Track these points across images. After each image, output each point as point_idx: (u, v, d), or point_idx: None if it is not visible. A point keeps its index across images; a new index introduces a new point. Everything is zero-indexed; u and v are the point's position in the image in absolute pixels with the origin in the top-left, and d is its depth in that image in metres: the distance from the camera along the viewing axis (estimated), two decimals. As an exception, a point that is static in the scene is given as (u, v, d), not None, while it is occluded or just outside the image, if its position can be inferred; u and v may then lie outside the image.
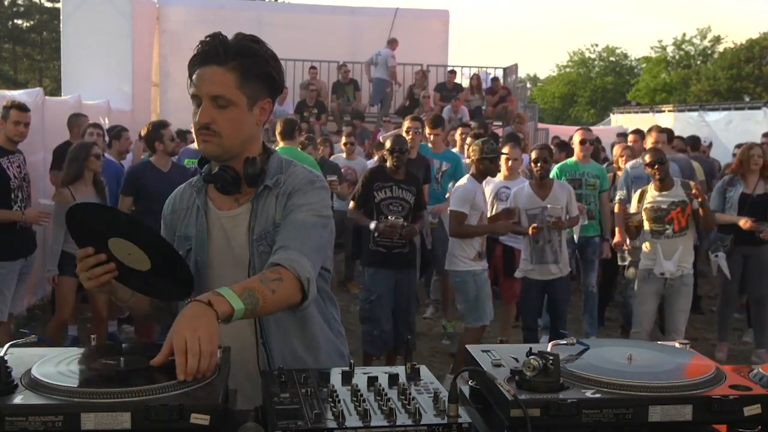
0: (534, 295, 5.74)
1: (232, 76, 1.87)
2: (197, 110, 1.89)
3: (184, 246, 2.00)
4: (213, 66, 1.86)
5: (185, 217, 2.04)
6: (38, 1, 33.52)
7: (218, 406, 1.41)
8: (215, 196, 2.01)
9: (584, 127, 7.76)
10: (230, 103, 1.88)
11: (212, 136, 1.89)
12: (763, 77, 32.61)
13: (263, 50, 1.95)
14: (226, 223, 1.99)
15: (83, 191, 5.41)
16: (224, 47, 1.87)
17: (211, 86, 1.87)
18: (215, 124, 1.87)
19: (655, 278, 5.49)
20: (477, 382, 1.68)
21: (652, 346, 1.85)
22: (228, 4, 14.94)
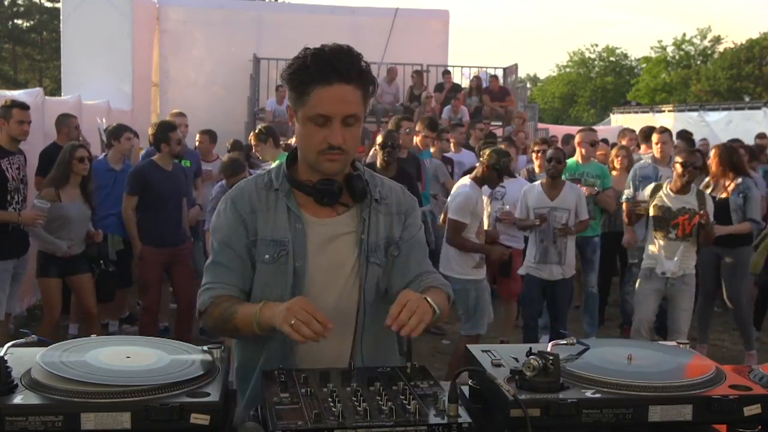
0: (535, 295, 5.74)
1: (359, 94, 1.86)
2: (319, 129, 1.84)
3: (273, 250, 1.93)
4: (343, 84, 1.82)
5: (267, 219, 1.95)
6: (38, 1, 33.53)
7: (218, 406, 1.41)
8: (306, 201, 1.96)
9: (587, 128, 7.75)
10: (357, 121, 1.88)
11: (341, 155, 1.87)
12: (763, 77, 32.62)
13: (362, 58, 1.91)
14: (327, 230, 1.96)
15: (69, 194, 5.36)
16: (349, 64, 1.83)
17: (345, 106, 1.83)
18: (345, 143, 1.86)
19: (657, 277, 5.49)
20: (477, 382, 1.68)
21: (652, 346, 1.85)
22: (228, 4, 14.91)
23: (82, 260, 5.49)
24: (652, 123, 13.00)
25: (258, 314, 1.78)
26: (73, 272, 5.45)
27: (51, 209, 5.26)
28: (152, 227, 5.76)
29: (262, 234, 1.94)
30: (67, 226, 5.34)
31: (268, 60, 14.20)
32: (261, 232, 1.94)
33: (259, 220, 1.95)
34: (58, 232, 5.33)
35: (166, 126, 5.96)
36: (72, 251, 5.41)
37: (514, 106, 13.82)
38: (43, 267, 5.40)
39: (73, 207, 5.36)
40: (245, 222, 1.96)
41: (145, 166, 5.96)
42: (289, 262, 1.92)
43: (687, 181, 5.41)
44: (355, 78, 1.84)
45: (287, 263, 1.92)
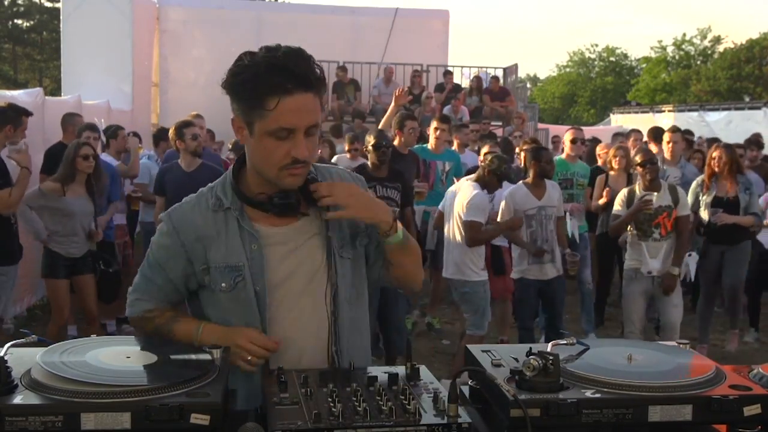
0: (531, 296, 5.72)
1: (317, 101, 1.73)
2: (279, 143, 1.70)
3: (229, 277, 1.80)
4: (303, 93, 1.69)
5: (219, 245, 1.82)
6: (38, 1, 33.52)
7: (218, 406, 1.41)
8: (259, 215, 1.83)
9: (575, 127, 7.79)
10: (317, 129, 1.75)
11: (304, 168, 1.76)
12: (763, 77, 32.61)
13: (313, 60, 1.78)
14: (288, 240, 1.84)
15: (74, 191, 5.40)
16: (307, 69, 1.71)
17: (309, 116, 1.71)
18: (309, 155, 1.75)
19: (643, 277, 5.51)
20: (477, 382, 1.68)
21: (651, 346, 1.85)
22: (228, 4, 14.92)
23: (86, 261, 5.52)
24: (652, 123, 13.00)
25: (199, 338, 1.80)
26: (78, 273, 5.49)
27: (55, 204, 5.31)
28: None
29: (215, 261, 1.81)
30: (70, 222, 5.37)
31: (268, 60, 14.21)
32: (213, 260, 1.82)
33: (208, 247, 1.82)
34: (63, 228, 5.36)
35: (180, 124, 5.96)
36: (76, 252, 5.44)
37: (514, 106, 13.82)
38: (50, 268, 5.43)
39: (76, 203, 5.39)
40: (187, 252, 1.84)
41: (166, 167, 6.04)
42: (248, 287, 1.80)
43: (651, 179, 5.47)
44: (314, 84, 1.71)
45: (245, 289, 1.80)
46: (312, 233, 1.86)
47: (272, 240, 1.83)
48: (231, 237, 1.82)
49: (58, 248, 5.39)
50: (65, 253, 5.38)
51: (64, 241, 5.39)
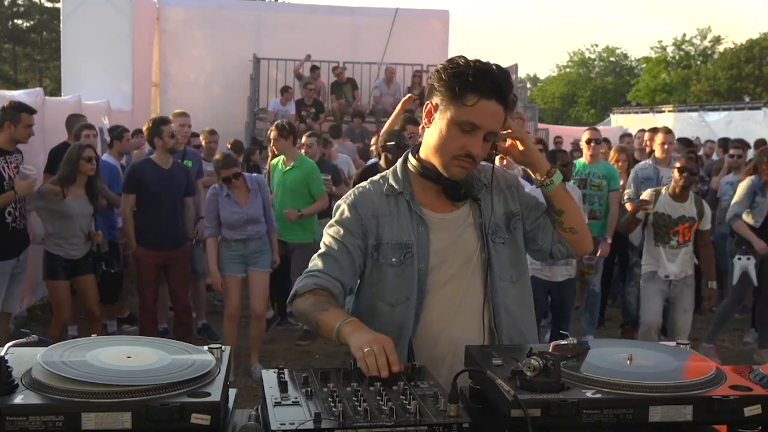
0: (542, 296, 5.73)
1: (504, 116, 1.95)
2: (460, 135, 1.92)
3: (399, 253, 2.02)
4: (498, 103, 1.91)
5: (392, 223, 2.04)
6: (38, 1, 33.50)
7: (219, 406, 1.41)
8: (427, 201, 2.06)
9: (592, 127, 7.73)
10: (493, 138, 1.97)
11: (471, 164, 1.96)
12: (763, 77, 32.59)
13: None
14: (449, 224, 2.06)
15: (75, 193, 5.41)
16: (507, 87, 1.93)
17: (495, 123, 1.93)
18: (480, 156, 1.95)
19: (660, 279, 5.51)
20: (477, 382, 1.68)
21: (652, 346, 1.85)
22: (228, 4, 14.90)
23: (86, 262, 5.53)
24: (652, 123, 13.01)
25: (341, 326, 1.82)
26: (78, 273, 5.49)
27: (54, 206, 5.31)
28: (146, 228, 5.71)
29: (388, 238, 2.03)
30: (69, 223, 5.38)
31: (268, 60, 14.20)
32: (386, 236, 2.03)
33: (381, 224, 2.04)
34: (62, 229, 5.37)
35: (158, 120, 5.89)
36: (77, 253, 5.45)
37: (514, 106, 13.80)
38: (50, 269, 5.45)
39: (76, 205, 5.39)
40: (364, 225, 2.04)
41: (141, 165, 5.94)
42: (414, 264, 2.01)
43: (684, 186, 5.42)
44: (508, 102, 1.94)
45: (412, 265, 2.01)
46: (468, 223, 2.07)
47: (436, 225, 2.05)
48: (402, 218, 2.04)
49: (58, 250, 5.40)
50: (65, 255, 5.40)
51: (64, 244, 5.40)
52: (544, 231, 2.12)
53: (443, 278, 2.03)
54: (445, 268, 2.03)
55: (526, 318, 2.13)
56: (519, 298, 2.10)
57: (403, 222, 2.04)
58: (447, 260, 2.04)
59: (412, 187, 2.07)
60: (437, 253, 2.03)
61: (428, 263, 2.02)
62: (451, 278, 2.03)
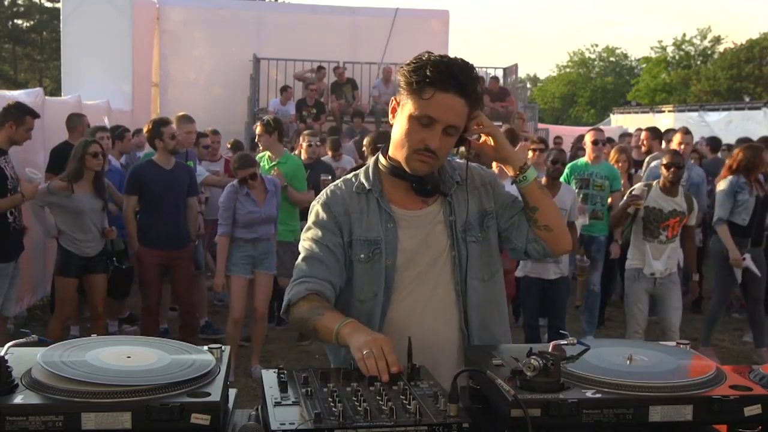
0: (534, 294, 5.76)
1: (466, 110, 1.93)
2: (420, 129, 1.91)
3: (368, 249, 2.02)
4: (457, 96, 1.89)
5: (361, 220, 2.04)
6: (38, 1, 33.51)
7: (219, 406, 1.41)
8: (397, 198, 2.06)
9: (596, 128, 7.74)
10: (456, 133, 1.95)
11: (432, 159, 1.94)
12: (763, 77, 32.59)
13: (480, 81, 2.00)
14: (419, 221, 2.05)
15: (83, 188, 5.43)
16: (467, 78, 1.90)
17: (453, 116, 1.91)
18: (439, 149, 1.93)
19: (645, 277, 5.52)
20: (477, 382, 1.68)
21: (652, 346, 1.85)
22: (228, 4, 14.91)
23: (100, 259, 5.55)
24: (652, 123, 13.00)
25: (339, 328, 1.81)
26: (91, 271, 5.52)
27: (64, 202, 5.34)
28: (148, 228, 5.72)
29: (357, 234, 2.03)
30: (80, 219, 5.40)
31: (268, 60, 14.21)
32: (356, 233, 2.03)
33: (353, 221, 2.04)
34: (74, 225, 5.39)
35: (158, 122, 5.88)
36: (91, 251, 5.47)
37: (514, 107, 13.81)
38: (62, 265, 5.48)
39: (85, 200, 5.42)
40: (339, 223, 2.04)
41: (143, 166, 5.94)
42: (382, 260, 2.01)
43: (673, 181, 5.45)
44: (468, 94, 1.91)
45: (380, 261, 2.01)
46: (438, 220, 2.06)
47: (405, 221, 2.05)
48: (372, 215, 2.04)
49: (72, 247, 5.43)
50: (80, 253, 5.43)
51: (78, 242, 5.43)
52: (519, 229, 2.10)
53: (411, 275, 2.02)
54: (413, 265, 2.03)
55: (497, 318, 2.12)
56: (490, 298, 2.09)
57: (373, 219, 2.03)
58: (416, 257, 2.03)
59: (382, 184, 2.06)
60: (405, 250, 2.03)
61: (396, 260, 2.02)
62: (419, 275, 2.03)
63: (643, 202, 5.50)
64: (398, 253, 2.02)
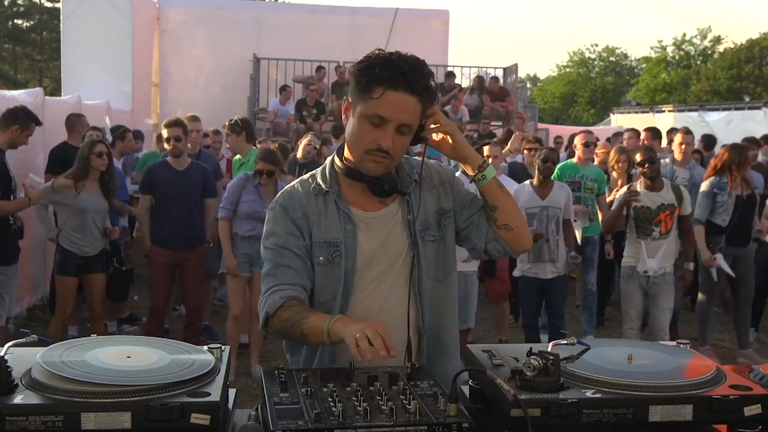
0: (533, 293, 5.76)
1: (419, 108, 1.90)
2: (372, 129, 1.88)
3: (327, 252, 1.98)
4: (407, 94, 1.86)
5: (320, 222, 2.00)
6: (38, 1, 33.51)
7: (218, 406, 1.41)
8: (355, 199, 2.02)
9: (586, 130, 7.75)
10: (410, 132, 1.91)
11: (385, 159, 1.91)
12: (763, 77, 32.59)
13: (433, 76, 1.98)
14: (377, 222, 2.01)
15: (89, 188, 5.45)
16: (417, 76, 1.87)
17: (404, 115, 1.87)
18: (393, 149, 1.89)
19: (639, 275, 5.52)
20: (477, 382, 1.68)
21: (652, 346, 1.85)
22: (228, 4, 14.91)
23: (100, 259, 5.56)
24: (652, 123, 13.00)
25: (330, 324, 1.78)
26: (90, 271, 5.52)
27: (68, 201, 5.35)
28: (158, 227, 5.76)
29: (316, 237, 1.99)
30: (83, 219, 5.41)
31: (268, 60, 14.21)
32: (315, 235, 1.99)
33: (311, 223, 2.00)
34: (75, 224, 5.40)
35: (165, 125, 5.93)
36: (91, 250, 5.48)
37: (514, 107, 13.81)
38: (62, 264, 5.49)
39: (90, 200, 5.43)
40: (299, 225, 2.00)
41: (156, 166, 5.98)
42: (341, 263, 1.97)
43: (653, 176, 5.46)
44: (420, 91, 1.87)
45: (340, 264, 1.97)
46: (397, 221, 2.03)
47: (363, 223, 2.01)
48: (330, 216, 2.00)
49: (72, 246, 5.43)
50: (79, 252, 5.44)
51: (77, 240, 5.43)
52: (479, 228, 2.06)
53: (370, 277, 1.99)
54: (373, 267, 1.99)
55: (448, 318, 2.09)
56: (443, 298, 2.06)
57: (331, 221, 2.00)
58: (375, 259, 1.99)
59: (339, 185, 2.02)
60: (365, 252, 1.99)
61: (355, 262, 1.98)
62: (378, 277, 1.99)
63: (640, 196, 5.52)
64: (358, 255, 1.98)
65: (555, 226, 5.64)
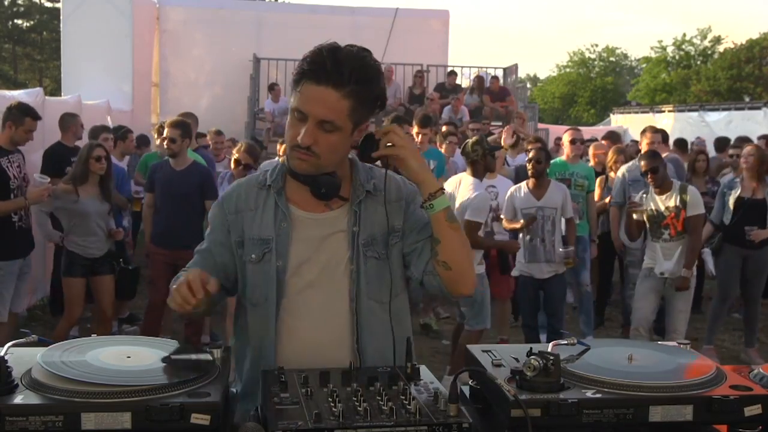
0: (531, 293, 5.77)
1: (347, 104, 1.76)
2: (297, 124, 1.79)
3: (259, 249, 1.90)
4: (329, 88, 1.75)
5: (255, 218, 1.93)
6: (38, 1, 33.51)
7: (218, 406, 1.41)
8: (298, 198, 1.92)
9: (574, 127, 7.76)
10: (336, 129, 1.78)
11: (310, 157, 1.80)
12: (763, 77, 32.58)
13: (378, 72, 1.84)
14: (318, 226, 1.91)
15: (88, 191, 5.45)
16: (345, 69, 1.75)
17: (323, 110, 1.76)
18: (316, 146, 1.78)
19: (656, 277, 5.52)
20: (477, 382, 1.68)
21: (652, 346, 1.85)
22: (228, 4, 14.91)
23: (105, 261, 5.57)
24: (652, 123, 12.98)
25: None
26: (96, 273, 5.54)
27: (70, 205, 5.36)
28: (156, 225, 5.85)
29: (249, 233, 1.92)
30: (86, 222, 5.42)
31: (268, 60, 14.20)
32: (248, 232, 1.93)
33: (245, 219, 1.94)
34: (79, 228, 5.41)
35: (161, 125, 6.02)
36: (96, 252, 5.49)
37: (514, 107, 13.81)
38: (68, 267, 5.51)
39: (91, 203, 5.44)
40: (228, 222, 1.95)
41: (157, 165, 6.06)
42: (272, 261, 1.88)
43: (659, 185, 5.46)
44: (346, 86, 1.75)
45: (270, 262, 1.89)
46: (339, 228, 1.92)
47: (302, 223, 1.92)
48: (267, 212, 1.93)
49: (77, 249, 5.45)
50: (84, 254, 5.45)
51: (82, 242, 5.45)
52: (420, 257, 1.91)
53: (303, 282, 1.89)
54: (304, 271, 1.89)
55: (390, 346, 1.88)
56: (385, 322, 1.87)
57: (267, 217, 1.92)
58: (308, 263, 1.89)
59: (285, 181, 1.94)
60: (298, 253, 1.89)
61: (287, 262, 1.88)
62: (311, 284, 1.89)
63: (644, 207, 5.52)
64: (290, 255, 1.88)
65: (551, 227, 5.64)
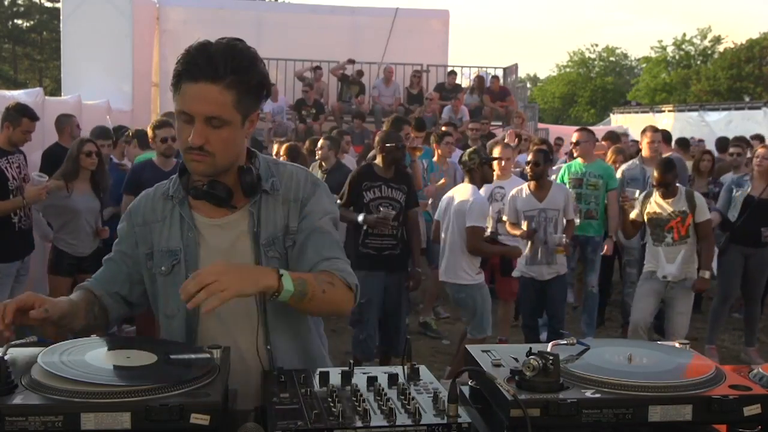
0: (531, 294, 5.77)
1: (230, 96, 1.74)
2: (185, 127, 1.77)
3: (168, 261, 1.90)
4: (207, 84, 1.72)
5: (162, 229, 1.92)
6: (38, 1, 33.53)
7: (218, 406, 1.41)
8: (200, 204, 1.91)
9: (582, 128, 7.75)
10: (225, 123, 1.76)
11: (205, 157, 1.78)
12: (763, 77, 32.59)
13: (254, 58, 1.79)
14: (222, 230, 1.91)
15: (80, 188, 5.43)
16: (218, 62, 1.72)
17: (206, 107, 1.74)
18: (209, 144, 1.77)
19: (657, 280, 5.51)
20: (477, 382, 1.68)
21: (652, 346, 1.85)
22: (228, 4, 14.91)
23: (94, 259, 5.54)
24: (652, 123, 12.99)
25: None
26: (84, 271, 5.51)
27: (60, 202, 5.32)
28: None
29: (158, 245, 1.92)
30: (76, 219, 5.40)
31: (268, 60, 14.16)
32: (156, 244, 1.92)
33: (153, 231, 1.93)
34: (69, 226, 5.38)
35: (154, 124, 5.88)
36: (84, 250, 5.47)
37: (514, 106, 13.81)
38: (54, 264, 5.48)
39: (82, 200, 5.41)
40: (135, 234, 1.96)
41: (140, 165, 5.94)
42: (182, 272, 1.87)
43: (666, 193, 5.44)
44: (225, 78, 1.73)
45: (180, 273, 1.87)
46: (242, 230, 1.90)
47: (207, 230, 1.91)
48: (174, 223, 1.92)
49: (65, 247, 5.42)
50: (72, 252, 5.42)
51: (71, 240, 5.42)
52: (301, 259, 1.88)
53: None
54: None
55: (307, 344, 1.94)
56: (296, 321, 1.91)
57: (174, 227, 1.91)
58: None
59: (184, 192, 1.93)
60: (207, 261, 1.84)
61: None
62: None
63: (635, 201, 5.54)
64: (200, 264, 1.86)
65: (553, 228, 5.64)
